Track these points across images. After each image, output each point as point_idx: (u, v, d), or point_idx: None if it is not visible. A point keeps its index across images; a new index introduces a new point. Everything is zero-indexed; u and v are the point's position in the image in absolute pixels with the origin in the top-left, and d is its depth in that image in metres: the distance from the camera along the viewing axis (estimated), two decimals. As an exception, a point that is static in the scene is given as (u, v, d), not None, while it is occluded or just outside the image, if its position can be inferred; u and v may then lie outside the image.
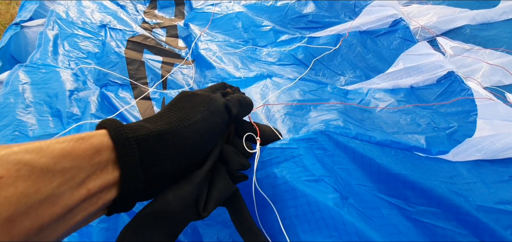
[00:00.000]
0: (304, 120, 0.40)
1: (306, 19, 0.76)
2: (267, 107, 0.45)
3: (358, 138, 0.36)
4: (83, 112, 0.40)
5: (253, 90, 0.48)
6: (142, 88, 0.52)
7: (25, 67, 0.46)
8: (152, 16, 0.82)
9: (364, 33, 0.72)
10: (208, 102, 0.24)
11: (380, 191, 0.32)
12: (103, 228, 0.29)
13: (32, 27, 0.63)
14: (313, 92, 0.49)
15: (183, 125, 0.21)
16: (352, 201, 0.31)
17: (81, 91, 0.44)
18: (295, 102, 0.45)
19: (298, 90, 0.47)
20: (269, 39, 0.70)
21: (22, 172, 0.13)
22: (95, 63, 0.54)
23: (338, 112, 0.42)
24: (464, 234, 0.30)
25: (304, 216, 0.29)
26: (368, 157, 0.34)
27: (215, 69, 0.55)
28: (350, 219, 0.29)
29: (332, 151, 0.34)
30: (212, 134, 0.23)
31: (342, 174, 0.33)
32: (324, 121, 0.39)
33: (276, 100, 0.44)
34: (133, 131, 0.18)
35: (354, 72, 0.64)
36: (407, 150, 0.38)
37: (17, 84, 0.43)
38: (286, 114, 0.41)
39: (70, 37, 0.57)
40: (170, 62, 0.62)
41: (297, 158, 0.32)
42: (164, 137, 0.19)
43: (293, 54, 0.65)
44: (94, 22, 0.63)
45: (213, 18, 0.76)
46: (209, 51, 0.61)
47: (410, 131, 0.44)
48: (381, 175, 0.33)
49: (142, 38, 0.64)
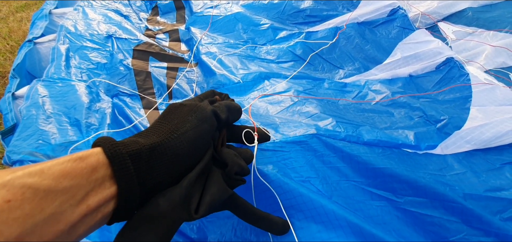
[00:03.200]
0: (296, 119, 0.42)
1: (304, 14, 0.77)
2: (258, 108, 0.47)
3: (346, 139, 0.39)
4: (100, 122, 0.44)
5: (251, 96, 0.50)
6: (149, 99, 0.55)
7: (42, 82, 0.50)
8: (154, 23, 0.85)
9: (362, 24, 0.72)
10: (195, 111, 0.25)
11: (369, 185, 0.34)
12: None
13: (44, 43, 0.67)
14: (309, 90, 0.51)
15: (174, 137, 0.22)
16: (336, 199, 0.33)
17: (96, 102, 0.48)
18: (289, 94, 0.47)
19: (293, 90, 0.49)
20: (268, 36, 0.72)
21: (27, 195, 0.14)
22: (104, 74, 0.58)
23: (330, 111, 0.44)
24: (452, 221, 0.32)
25: (297, 206, 0.31)
26: (355, 155, 0.36)
27: (216, 75, 0.57)
28: (339, 211, 0.31)
29: (322, 152, 0.36)
30: (202, 140, 0.24)
31: (330, 173, 0.35)
32: (316, 122, 0.41)
33: (268, 99, 0.46)
34: (126, 147, 0.19)
35: (352, 64, 0.65)
36: (395, 148, 0.40)
37: (37, 98, 0.46)
38: (278, 113, 0.43)
39: (80, 49, 0.61)
40: (174, 67, 0.65)
41: (287, 160, 0.35)
42: (156, 150, 0.20)
43: (291, 51, 0.66)
44: (101, 33, 0.66)
45: (213, 21, 0.78)
46: (210, 55, 0.63)
47: (402, 126, 0.46)
48: (369, 171, 0.35)
49: (146, 46, 0.67)
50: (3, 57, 0.99)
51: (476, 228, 0.32)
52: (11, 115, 0.49)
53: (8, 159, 0.41)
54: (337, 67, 0.64)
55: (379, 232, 0.30)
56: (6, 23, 1.20)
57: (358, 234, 0.31)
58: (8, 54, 1.00)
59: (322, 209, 0.31)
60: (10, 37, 1.10)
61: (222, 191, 0.25)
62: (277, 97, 0.48)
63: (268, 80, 0.54)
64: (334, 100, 0.48)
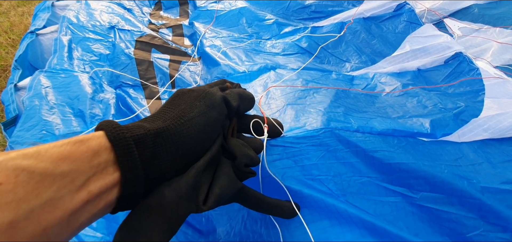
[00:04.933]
0: (306, 110, 0.40)
1: (309, 10, 0.76)
2: (267, 98, 0.46)
3: (359, 130, 0.37)
4: (104, 112, 0.43)
5: (257, 83, 0.49)
6: (152, 88, 0.54)
7: (45, 72, 0.48)
8: (157, 18, 0.84)
9: (369, 19, 0.72)
10: (204, 97, 0.24)
11: (383, 181, 0.33)
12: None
13: (46, 34, 0.66)
14: (317, 79, 0.50)
15: (180, 122, 0.21)
16: (349, 197, 0.32)
17: (99, 92, 0.47)
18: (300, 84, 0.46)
19: (301, 80, 0.48)
20: (273, 31, 0.71)
21: (21, 178, 0.13)
22: (107, 65, 0.57)
23: (341, 101, 0.43)
24: (469, 217, 0.30)
25: (308, 204, 0.30)
26: (370, 149, 0.34)
27: (220, 66, 0.56)
28: (352, 209, 0.30)
29: (335, 147, 0.35)
30: (210, 128, 0.23)
31: (343, 169, 0.34)
32: (327, 112, 0.39)
33: (278, 90, 0.45)
34: (131, 131, 0.18)
35: (359, 58, 0.64)
36: (410, 137, 0.39)
37: (40, 88, 0.45)
38: (288, 104, 0.42)
39: (83, 41, 0.60)
40: (177, 60, 0.64)
41: (297, 157, 0.34)
42: (161, 135, 0.19)
43: (297, 44, 0.65)
44: (103, 24, 0.65)
45: (217, 15, 0.77)
46: (214, 47, 0.62)
47: (416, 114, 0.45)
48: (384, 166, 0.34)
49: (149, 37, 0.66)
50: (4, 50, 0.98)
51: (493, 224, 0.31)
52: (13, 106, 0.48)
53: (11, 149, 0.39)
54: (343, 60, 0.63)
55: (393, 229, 0.29)
56: (7, 17, 1.18)
57: (371, 231, 0.30)
58: (9, 48, 0.99)
59: (333, 207, 0.30)
60: (12, 31, 1.09)
61: (232, 184, 0.23)
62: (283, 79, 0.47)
63: (274, 70, 0.53)
64: (344, 90, 0.47)
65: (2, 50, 0.98)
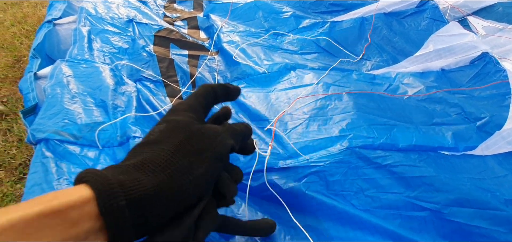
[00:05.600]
0: (328, 124, 0.40)
1: (327, 3, 0.75)
2: (286, 104, 0.45)
3: (380, 148, 0.37)
4: (126, 105, 0.43)
5: (279, 87, 0.49)
6: (173, 86, 0.54)
7: (66, 62, 0.49)
8: (172, 10, 0.83)
9: (390, 15, 0.70)
10: (215, 147, 0.21)
11: (409, 195, 0.33)
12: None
13: (63, 24, 0.66)
14: (338, 82, 0.49)
15: (186, 180, 0.18)
16: (374, 211, 0.32)
17: (120, 85, 0.47)
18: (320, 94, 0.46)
19: (321, 85, 0.47)
20: (290, 25, 0.69)
21: None
22: (126, 59, 0.57)
23: (363, 109, 0.42)
24: (501, 232, 0.30)
25: (333, 216, 0.30)
26: (391, 164, 0.34)
27: (240, 66, 0.55)
28: (377, 221, 0.30)
29: (356, 164, 0.35)
30: (213, 181, 0.21)
31: (367, 185, 0.34)
32: (348, 128, 0.39)
33: (299, 103, 0.45)
34: (126, 190, 0.15)
35: (380, 56, 0.62)
36: (432, 151, 0.38)
37: (62, 77, 0.45)
38: (310, 118, 0.41)
39: (101, 32, 0.60)
40: (195, 55, 0.63)
41: (321, 173, 0.34)
42: (162, 193, 0.17)
43: (315, 42, 0.64)
44: (121, 17, 0.65)
45: (233, 8, 0.76)
46: (232, 43, 0.61)
47: (439, 122, 0.44)
48: (408, 180, 0.34)
49: (167, 32, 0.66)
50: (18, 41, 0.98)
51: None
52: (33, 95, 0.48)
53: (33, 137, 0.40)
54: (363, 58, 0.62)
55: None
56: (21, 8, 1.19)
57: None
58: (23, 38, 1.00)
59: (358, 218, 0.30)
60: (25, 22, 1.09)
61: (215, 221, 0.23)
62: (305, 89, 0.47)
63: (294, 71, 0.52)
64: (366, 93, 0.46)
65: (16, 41, 0.98)
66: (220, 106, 0.28)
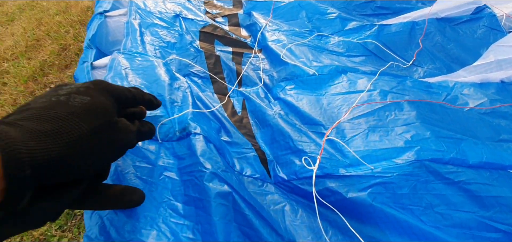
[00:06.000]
0: (391, 135, 0.38)
1: (374, 5, 0.72)
2: (341, 110, 0.44)
3: (450, 163, 0.35)
4: (182, 101, 0.44)
5: (332, 91, 0.47)
6: (220, 83, 0.54)
7: (123, 54, 0.50)
8: (211, 6, 0.83)
9: (442, 20, 0.66)
10: (124, 144, 0.24)
11: (483, 216, 0.31)
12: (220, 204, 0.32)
13: (113, 16, 0.68)
14: (394, 89, 0.47)
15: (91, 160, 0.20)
16: (445, 229, 0.30)
17: (175, 80, 0.47)
18: (378, 101, 0.44)
19: (378, 91, 0.45)
20: (335, 27, 0.68)
21: None
22: (175, 53, 0.58)
23: (427, 119, 0.40)
24: None
25: (401, 229, 0.29)
26: (463, 181, 0.33)
27: (288, 66, 0.54)
28: (450, 240, 0.29)
29: (425, 178, 0.33)
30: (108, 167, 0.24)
31: (437, 201, 0.32)
32: (413, 138, 0.37)
33: (355, 109, 0.43)
34: (33, 157, 0.16)
35: (433, 63, 0.59)
36: (502, 169, 0.36)
37: (120, 69, 0.47)
38: (370, 128, 0.40)
39: (151, 26, 0.61)
40: (239, 52, 0.63)
41: (388, 184, 0.32)
42: (65, 165, 0.18)
43: (362, 45, 0.62)
44: (169, 12, 0.66)
45: (274, 7, 0.75)
46: (278, 42, 0.61)
47: (506, 138, 0.41)
48: (483, 199, 0.32)
49: (212, 28, 0.66)
50: (63, 29, 1.03)
51: None
52: (89, 85, 0.50)
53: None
54: (415, 64, 0.59)
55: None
56: (64, -3, 1.25)
57: None
58: (68, 27, 1.05)
59: (429, 235, 0.29)
60: (69, 11, 1.15)
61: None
62: (359, 95, 0.45)
63: (345, 74, 0.51)
64: (427, 103, 0.44)
65: (62, 30, 1.03)
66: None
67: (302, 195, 0.37)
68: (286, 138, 0.42)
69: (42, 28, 1.07)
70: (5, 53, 0.99)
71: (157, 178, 0.35)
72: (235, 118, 0.49)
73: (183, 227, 0.32)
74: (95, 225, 0.32)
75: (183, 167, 0.36)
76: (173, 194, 0.34)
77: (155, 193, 0.34)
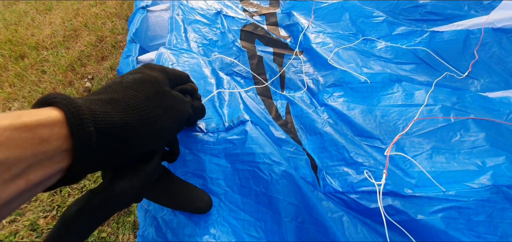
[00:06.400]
0: (461, 157, 0.36)
1: (423, 10, 0.68)
2: (397, 124, 0.42)
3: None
4: (230, 99, 0.43)
5: (385, 102, 0.45)
6: (263, 84, 0.53)
7: (170, 49, 0.50)
8: (248, 5, 0.82)
9: (499, 30, 0.61)
10: (180, 110, 0.24)
11: None
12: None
13: (155, 11, 0.68)
14: (457, 105, 0.44)
15: (152, 128, 0.20)
16: None
17: (220, 79, 0.47)
18: (440, 117, 0.41)
19: (439, 107, 0.42)
20: (382, 31, 0.64)
21: None
22: (217, 51, 0.57)
23: (497, 141, 0.37)
24: None
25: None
26: None
27: (337, 71, 0.52)
28: None
29: (502, 205, 0.31)
30: (170, 137, 0.24)
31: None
32: (486, 161, 0.34)
33: (415, 125, 0.40)
34: (96, 120, 0.16)
35: (489, 77, 0.55)
36: None
37: (167, 64, 0.47)
38: (433, 148, 0.37)
39: (193, 23, 0.61)
40: (280, 53, 0.62)
41: (462, 209, 0.30)
42: (129, 131, 0.18)
43: (412, 52, 0.59)
44: (210, 9, 0.65)
45: (315, 8, 0.72)
46: (324, 45, 0.59)
47: None
48: None
49: (253, 27, 0.65)
50: (100, 21, 1.06)
51: None
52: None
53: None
54: (470, 76, 0.55)
55: None
56: (99, -11, 1.27)
57: None
58: (104, 19, 1.07)
59: None
60: (105, 4, 1.17)
61: (159, 172, 0.25)
62: (418, 109, 0.42)
63: (400, 84, 0.48)
64: (492, 123, 0.41)
65: (99, 22, 1.06)
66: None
67: (357, 210, 0.35)
68: (339, 149, 0.40)
69: (79, 18, 1.10)
70: (44, 41, 1.02)
71: (208, 169, 0.34)
72: (280, 121, 0.48)
73: (243, 223, 0.31)
74: (150, 226, 0.32)
75: (235, 155, 0.35)
76: (229, 185, 0.33)
77: (210, 185, 0.33)
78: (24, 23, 1.15)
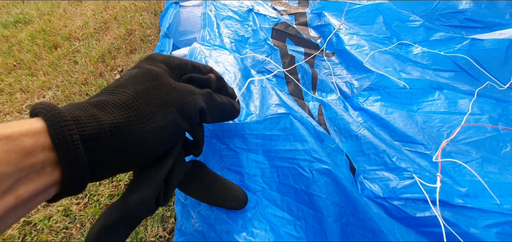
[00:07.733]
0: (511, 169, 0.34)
1: (462, 16, 0.65)
2: (441, 131, 0.40)
3: None
4: (262, 96, 0.42)
5: (425, 108, 0.43)
6: (296, 85, 0.52)
7: (203, 45, 0.50)
8: (278, 4, 0.82)
9: (547, 40, 0.58)
10: (182, 104, 0.20)
11: None
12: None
13: (187, 7, 0.69)
14: (502, 118, 0.42)
15: (145, 127, 0.18)
16: None
17: (252, 76, 0.46)
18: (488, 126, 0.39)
19: (487, 117, 0.40)
20: (418, 36, 0.62)
21: None
22: (249, 48, 0.57)
23: None
24: None
25: None
26: None
27: (373, 74, 0.51)
28: None
29: None
30: (175, 138, 0.21)
31: None
32: None
33: (461, 133, 0.39)
34: (80, 125, 0.15)
35: (536, 89, 0.52)
36: None
37: (201, 59, 0.47)
38: (483, 158, 0.35)
39: (225, 19, 0.61)
40: (310, 53, 0.61)
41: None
42: (118, 133, 0.16)
43: (451, 59, 0.56)
44: (242, 6, 0.65)
45: (348, 9, 0.71)
46: (359, 47, 0.57)
47: None
48: None
49: (284, 26, 0.64)
50: (129, 15, 1.08)
51: None
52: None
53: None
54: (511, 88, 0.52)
55: None
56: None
57: None
58: (133, 13, 1.10)
59: None
60: (133, -3, 1.20)
61: (184, 170, 0.24)
62: (465, 117, 0.41)
63: (441, 91, 0.46)
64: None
65: (127, 15, 1.09)
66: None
67: (399, 218, 0.34)
68: (379, 153, 0.39)
69: (109, 11, 1.13)
70: (76, 32, 1.06)
71: (245, 165, 0.34)
72: (313, 123, 0.47)
73: (282, 221, 0.30)
74: (187, 220, 0.32)
75: (274, 151, 0.34)
76: (266, 182, 0.32)
77: (248, 181, 0.33)
78: (56, 14, 1.20)
